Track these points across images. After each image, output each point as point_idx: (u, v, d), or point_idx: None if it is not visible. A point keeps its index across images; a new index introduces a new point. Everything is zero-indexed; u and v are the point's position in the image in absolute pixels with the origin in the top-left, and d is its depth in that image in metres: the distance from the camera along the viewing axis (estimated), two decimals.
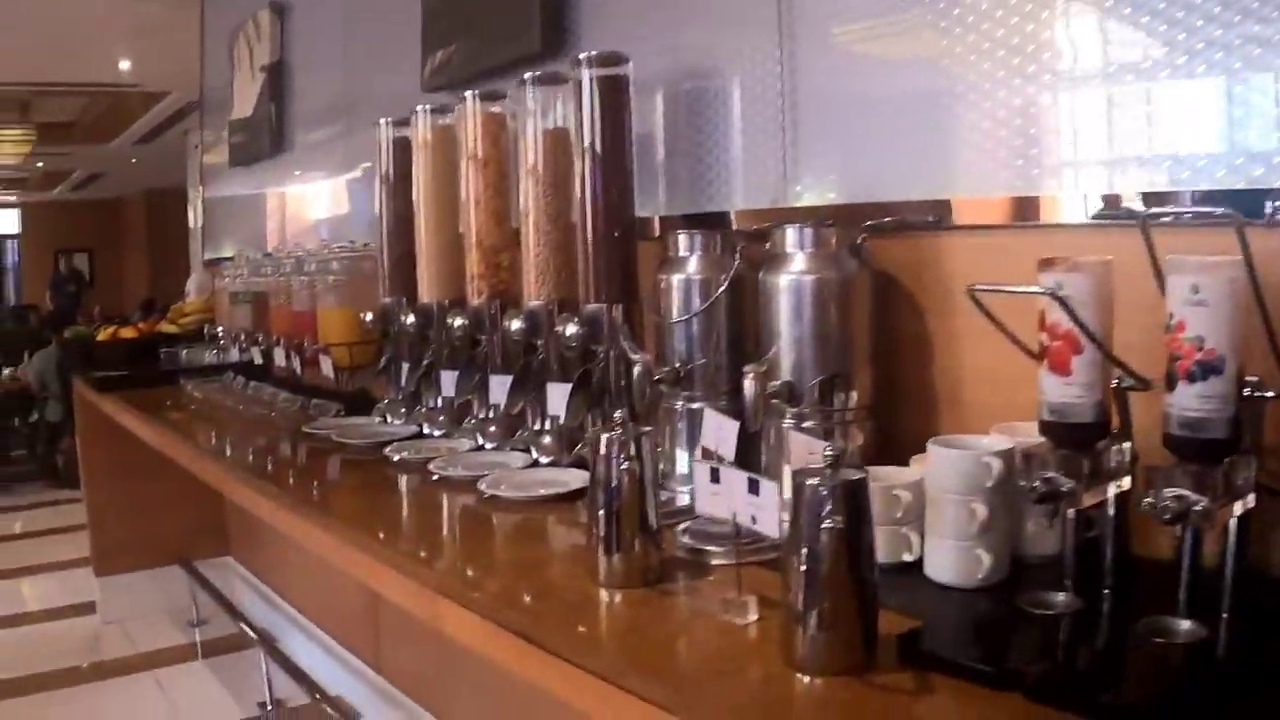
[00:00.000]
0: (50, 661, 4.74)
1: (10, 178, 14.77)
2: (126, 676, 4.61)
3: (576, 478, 2.15)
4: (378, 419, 2.96)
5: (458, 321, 2.59)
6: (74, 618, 5.32)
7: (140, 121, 10.00)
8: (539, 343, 2.40)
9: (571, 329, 2.21)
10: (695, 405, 2.02)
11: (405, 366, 2.85)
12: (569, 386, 2.24)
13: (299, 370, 3.40)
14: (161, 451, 3.29)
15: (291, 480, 2.54)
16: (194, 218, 6.06)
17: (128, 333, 4.62)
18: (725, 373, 2.02)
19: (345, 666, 4.04)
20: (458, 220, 2.76)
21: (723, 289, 2.00)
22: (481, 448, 2.53)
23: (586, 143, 2.22)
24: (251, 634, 4.42)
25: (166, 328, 4.90)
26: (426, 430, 2.75)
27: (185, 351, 4.66)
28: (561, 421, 2.27)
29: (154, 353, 4.69)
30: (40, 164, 13.24)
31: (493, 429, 2.54)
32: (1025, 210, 1.78)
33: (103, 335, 4.63)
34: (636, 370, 1.97)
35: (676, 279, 2.06)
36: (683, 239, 2.08)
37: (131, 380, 4.21)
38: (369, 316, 2.97)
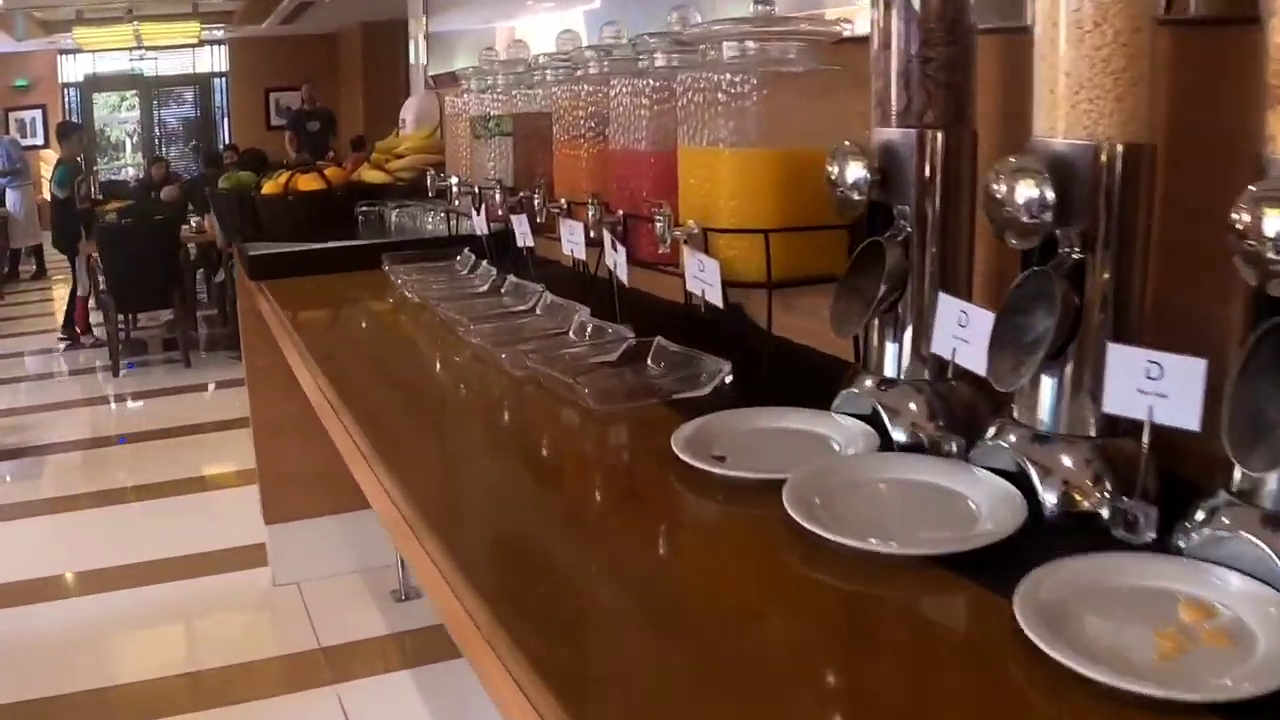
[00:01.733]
0: (196, 655, 3.30)
1: (215, 9, 13.56)
2: (294, 695, 3.09)
3: None
4: (840, 422, 1.20)
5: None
6: (244, 570, 3.88)
7: None
8: None
9: None
10: None
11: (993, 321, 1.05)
12: None
13: (618, 270, 1.63)
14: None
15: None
16: (414, 52, 4.53)
17: (309, 182, 2.95)
18: None
19: None
20: None
21: None
22: None
23: None
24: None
25: (368, 175, 3.22)
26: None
27: (395, 212, 2.99)
28: None
29: (349, 212, 3.04)
30: None
31: None
32: None
33: (269, 187, 2.97)
34: None
35: None
36: None
37: (299, 261, 2.55)
38: (854, 173, 1.16)
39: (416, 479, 1.26)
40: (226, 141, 15.63)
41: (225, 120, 17.37)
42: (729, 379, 1.40)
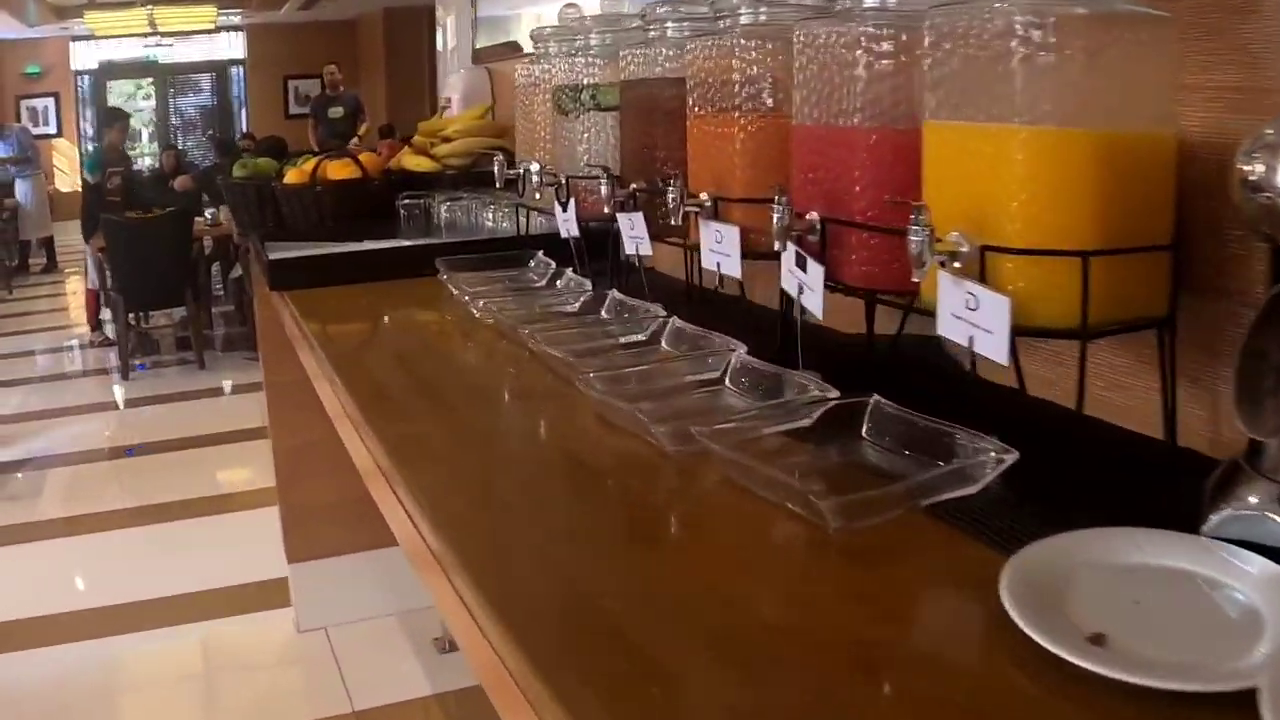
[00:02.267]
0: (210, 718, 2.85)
1: None
2: None
3: None
4: (1234, 563, 0.72)
5: None
6: (264, 610, 3.43)
7: None
8: None
9: None
10: None
11: None
12: None
13: (805, 298, 1.14)
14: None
15: None
16: (442, 37, 4.25)
17: (340, 170, 2.47)
18: None
19: None
20: None
21: None
22: None
23: None
24: None
25: (411, 162, 2.75)
26: None
27: (445, 206, 2.52)
28: None
29: (388, 206, 2.57)
30: None
31: None
32: None
33: (293, 175, 2.49)
34: None
35: None
36: None
37: (331, 267, 2.07)
38: None
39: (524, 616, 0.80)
40: (244, 131, 15.18)
41: (243, 109, 16.98)
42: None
